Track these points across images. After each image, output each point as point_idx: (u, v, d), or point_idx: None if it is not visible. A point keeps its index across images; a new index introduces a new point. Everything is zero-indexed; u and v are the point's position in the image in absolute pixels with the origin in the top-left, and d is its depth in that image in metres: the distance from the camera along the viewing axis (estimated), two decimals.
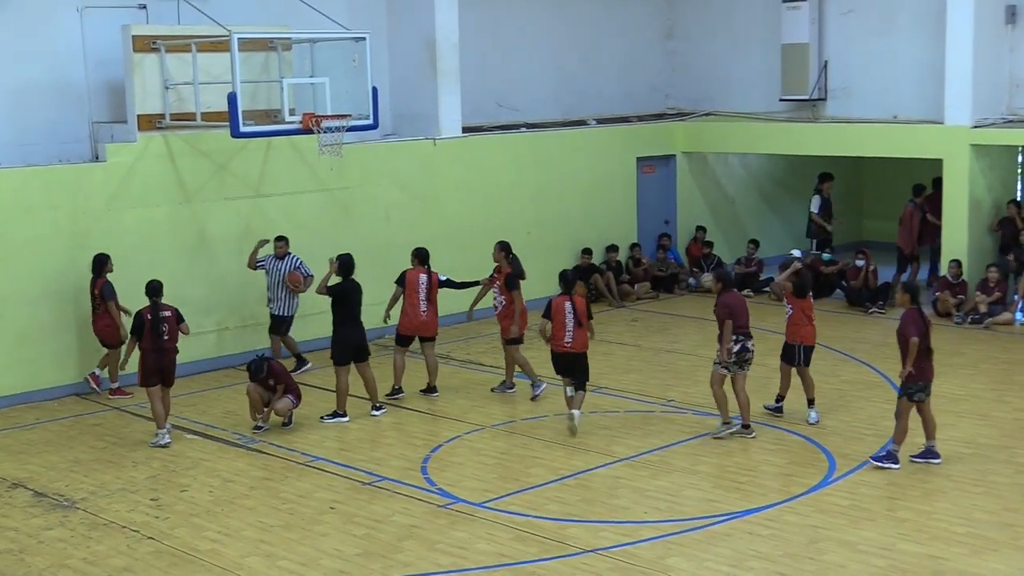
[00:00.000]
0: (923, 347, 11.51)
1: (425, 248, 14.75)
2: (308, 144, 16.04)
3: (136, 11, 16.00)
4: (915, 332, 11.43)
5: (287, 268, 15.62)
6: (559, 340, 13.07)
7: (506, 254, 14.75)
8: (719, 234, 22.00)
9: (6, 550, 10.24)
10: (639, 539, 10.07)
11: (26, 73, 15.43)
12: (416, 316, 14.49)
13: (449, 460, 12.33)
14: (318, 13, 15.58)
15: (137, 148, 15.46)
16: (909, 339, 11.44)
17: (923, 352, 11.52)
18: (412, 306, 14.48)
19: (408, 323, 14.56)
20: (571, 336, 13.03)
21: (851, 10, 20.37)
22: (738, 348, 12.72)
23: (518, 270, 14.83)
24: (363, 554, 9.94)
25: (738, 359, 12.74)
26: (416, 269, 14.51)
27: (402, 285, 14.50)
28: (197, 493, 11.51)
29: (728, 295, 12.90)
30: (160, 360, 12.91)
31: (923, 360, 11.55)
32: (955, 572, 9.31)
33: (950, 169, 18.65)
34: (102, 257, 14.60)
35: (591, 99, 21.70)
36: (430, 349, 14.69)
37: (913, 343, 11.42)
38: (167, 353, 13.00)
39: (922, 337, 11.48)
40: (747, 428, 12.77)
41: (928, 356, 11.61)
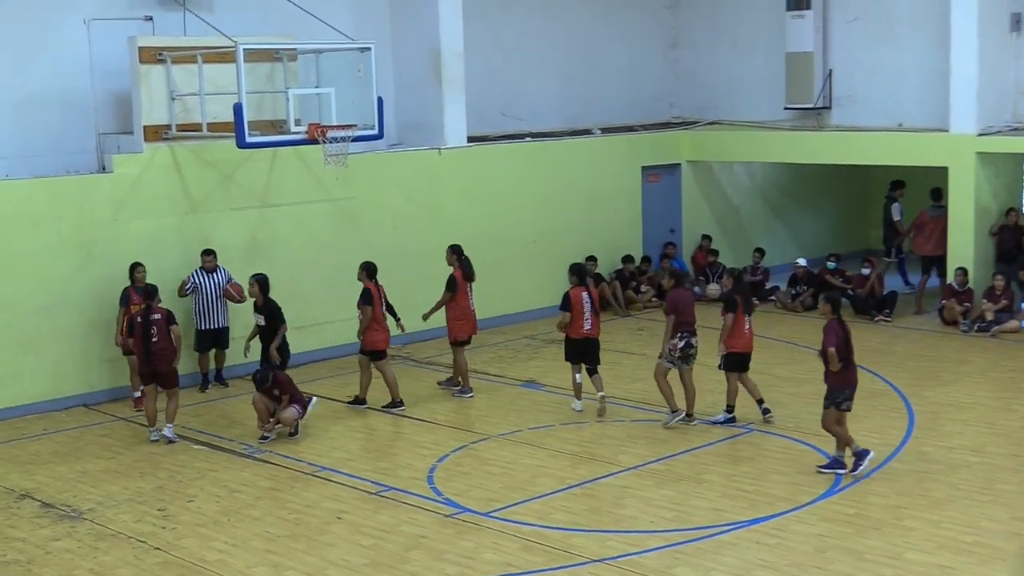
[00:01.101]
0: (845, 357, 11.57)
1: (373, 262, 14.74)
2: (314, 154, 16.04)
3: (143, 23, 16.06)
4: (834, 342, 11.49)
5: (221, 281, 15.49)
6: (578, 327, 14.02)
7: (458, 256, 15.22)
8: (724, 243, 22.00)
9: (14, 561, 10.26)
10: (645, 548, 10.07)
11: (33, 84, 15.49)
12: (384, 330, 14.58)
13: (456, 470, 12.33)
14: (323, 24, 15.62)
15: (144, 159, 15.51)
16: (828, 348, 11.52)
17: (846, 362, 11.58)
18: (380, 320, 14.53)
19: (383, 337, 14.59)
20: (589, 323, 14.04)
21: (855, 18, 20.40)
22: (682, 344, 13.31)
23: (468, 272, 15.17)
24: (370, 564, 9.94)
25: (682, 354, 13.35)
26: (371, 284, 14.50)
27: (371, 303, 14.40)
28: (204, 503, 11.52)
29: (677, 292, 13.54)
30: (150, 362, 13.13)
31: (847, 369, 11.63)
32: None
33: (955, 177, 18.64)
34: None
35: (596, 108, 21.73)
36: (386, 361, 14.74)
37: (831, 354, 11.48)
38: (156, 355, 13.16)
39: (842, 347, 11.52)
40: (689, 417, 13.40)
41: (851, 365, 11.66)
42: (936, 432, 13.09)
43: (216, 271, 15.53)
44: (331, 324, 16.89)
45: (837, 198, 24.32)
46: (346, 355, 17.10)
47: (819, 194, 23.96)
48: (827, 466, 11.76)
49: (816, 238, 23.62)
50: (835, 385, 11.65)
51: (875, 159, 20.47)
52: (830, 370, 11.59)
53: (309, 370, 16.42)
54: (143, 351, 13.29)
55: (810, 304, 19.83)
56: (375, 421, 14.19)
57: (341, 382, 15.93)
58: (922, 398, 14.40)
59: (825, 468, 11.73)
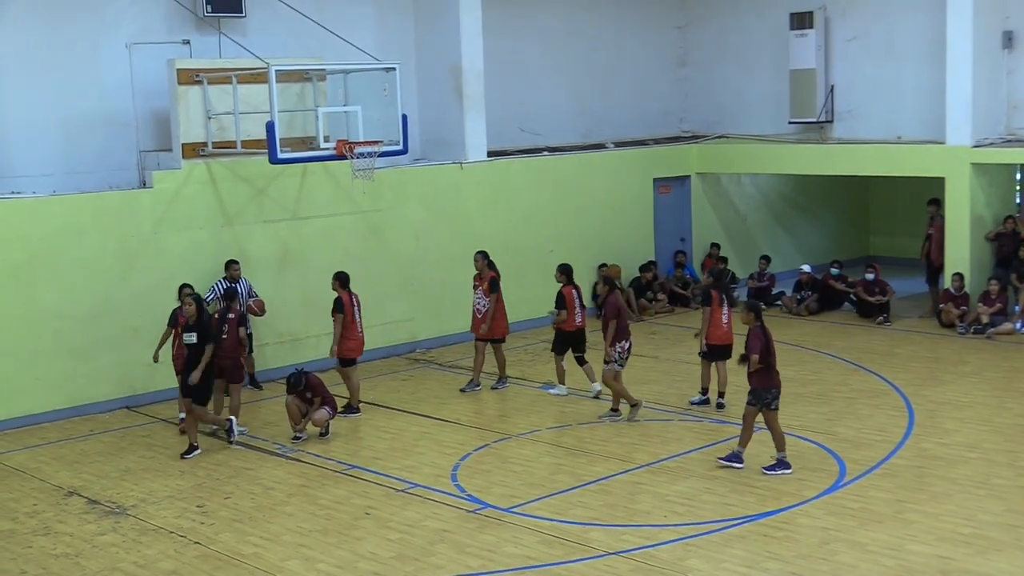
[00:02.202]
0: (767, 360, 11.59)
1: (346, 272, 14.67)
2: (342, 169, 16.10)
3: (180, 46, 16.15)
4: (757, 348, 11.53)
5: (244, 290, 15.36)
6: (572, 322, 14.71)
7: (487, 261, 15.41)
8: (732, 251, 21.96)
9: (63, 554, 10.32)
10: (659, 542, 10.05)
11: (79, 105, 15.60)
12: (357, 337, 14.49)
13: (478, 468, 12.34)
14: (351, 45, 15.67)
15: (181, 175, 15.58)
16: (750, 355, 11.56)
17: (768, 364, 11.61)
18: (354, 328, 14.42)
19: (355, 345, 14.48)
20: (580, 317, 14.77)
21: (855, 37, 20.36)
22: (628, 346, 13.67)
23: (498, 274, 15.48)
24: (397, 557, 9.96)
25: (628, 354, 13.70)
26: (344, 293, 14.41)
27: (343, 311, 14.31)
28: (240, 500, 11.56)
29: (614, 297, 13.81)
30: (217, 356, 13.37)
31: (770, 371, 11.66)
32: (961, 572, 9.25)
33: (952, 187, 18.58)
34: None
35: (609, 124, 21.73)
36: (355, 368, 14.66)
37: (754, 360, 11.52)
38: (224, 350, 13.45)
39: (764, 351, 11.55)
40: (615, 412, 13.81)
41: (773, 367, 11.69)
42: (935, 429, 13.03)
43: (240, 280, 15.56)
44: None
45: (839, 207, 24.26)
46: (374, 359, 17.16)
47: (822, 204, 23.90)
48: (769, 467, 11.73)
49: (819, 245, 23.56)
50: (760, 386, 11.65)
51: (875, 170, 20.42)
52: (750, 372, 11.65)
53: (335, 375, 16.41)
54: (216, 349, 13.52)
55: (814, 308, 19.80)
56: (401, 422, 14.21)
57: (368, 385, 15.94)
58: (922, 397, 14.34)
59: (767, 470, 11.70)
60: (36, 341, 14.48)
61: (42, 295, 14.49)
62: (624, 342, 13.65)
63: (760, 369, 11.59)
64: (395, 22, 18.73)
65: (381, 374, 16.62)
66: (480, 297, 15.41)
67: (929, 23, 19.15)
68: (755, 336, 11.64)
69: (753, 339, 11.63)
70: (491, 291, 15.27)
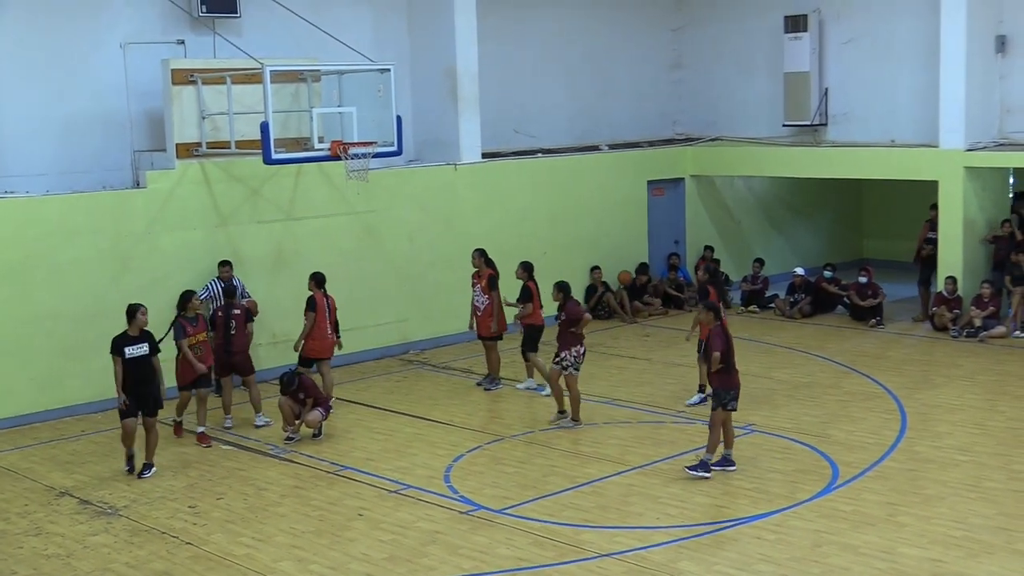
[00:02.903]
0: (728, 360, 11.61)
1: (322, 273, 14.71)
2: (336, 170, 16.10)
3: (175, 46, 16.14)
4: (719, 347, 11.55)
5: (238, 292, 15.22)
6: (539, 316, 15.08)
7: (484, 259, 15.47)
8: (726, 253, 21.97)
9: (54, 555, 10.29)
10: (651, 544, 10.04)
11: (73, 105, 15.57)
12: (325, 338, 14.50)
13: (471, 469, 12.32)
14: (346, 47, 15.66)
15: (175, 175, 15.55)
16: (712, 353, 11.59)
17: (728, 365, 11.64)
18: (322, 329, 14.43)
19: (319, 345, 14.47)
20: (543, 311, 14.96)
21: (850, 40, 20.39)
22: (584, 351, 13.60)
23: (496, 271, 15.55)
24: (389, 558, 9.94)
25: (583, 359, 13.64)
26: (319, 293, 14.47)
27: (315, 310, 14.34)
28: (232, 501, 11.53)
29: (573, 302, 13.76)
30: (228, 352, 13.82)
31: (730, 372, 11.68)
32: (953, 574, 9.25)
33: (945, 190, 18.61)
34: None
35: (604, 126, 21.74)
36: (328, 368, 14.69)
37: (715, 356, 11.55)
38: (235, 345, 13.77)
39: (726, 351, 11.57)
40: (563, 413, 13.76)
41: (733, 368, 11.72)
42: (927, 432, 13.04)
43: (232, 280, 15.52)
44: (352, 331, 16.88)
45: (833, 210, 24.28)
46: (367, 360, 17.16)
47: (816, 207, 23.93)
48: (718, 463, 11.77)
49: (813, 248, 23.59)
50: (721, 386, 11.68)
51: (868, 173, 20.45)
52: (712, 371, 11.68)
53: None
54: (223, 343, 13.86)
55: (808, 311, 19.82)
56: (394, 423, 14.20)
57: (362, 386, 15.96)
58: (914, 400, 14.35)
59: (716, 466, 11.74)
60: (29, 341, 14.44)
61: (36, 295, 14.46)
62: (579, 346, 13.56)
63: (720, 369, 11.61)
64: (390, 23, 18.72)
65: (375, 375, 16.60)
66: (479, 295, 15.42)
67: (923, 27, 19.18)
68: (716, 335, 11.66)
69: (715, 338, 11.64)
70: (490, 288, 15.27)
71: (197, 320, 13.43)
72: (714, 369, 11.66)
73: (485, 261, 15.56)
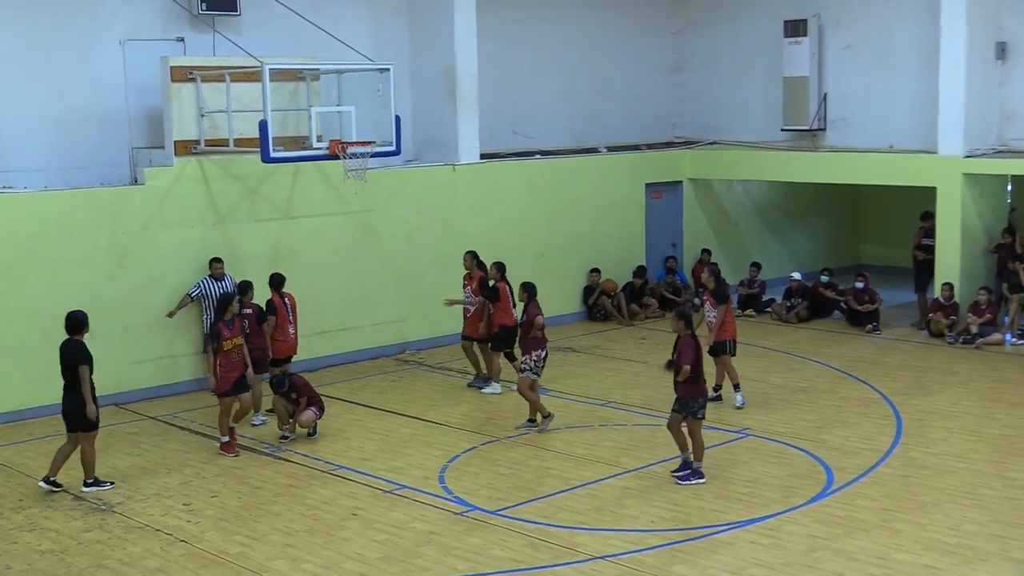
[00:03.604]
0: (697, 370, 11.62)
1: (281, 274, 14.68)
2: (334, 169, 16.11)
3: (174, 43, 16.15)
4: (690, 358, 11.51)
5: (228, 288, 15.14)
6: (510, 317, 15.06)
7: (476, 261, 15.47)
8: (723, 257, 21.98)
9: (48, 550, 10.29)
10: (646, 547, 10.05)
11: (72, 101, 15.58)
12: (288, 339, 14.50)
13: (466, 470, 12.33)
14: (345, 46, 15.66)
15: (174, 172, 15.55)
16: (682, 366, 11.52)
17: (697, 374, 11.64)
18: (284, 330, 14.43)
19: (284, 346, 14.46)
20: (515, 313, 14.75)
21: (849, 45, 20.41)
22: (544, 355, 13.53)
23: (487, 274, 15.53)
24: (383, 558, 9.94)
25: (544, 363, 13.57)
26: (276, 296, 14.44)
27: (274, 314, 14.31)
28: (227, 499, 11.53)
29: (533, 305, 13.59)
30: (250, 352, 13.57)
31: (698, 381, 11.69)
32: None
33: (943, 196, 18.62)
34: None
35: (602, 128, 21.75)
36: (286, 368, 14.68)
37: (685, 370, 11.50)
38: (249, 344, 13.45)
39: (695, 362, 11.57)
40: (532, 422, 13.58)
41: (700, 377, 11.73)
42: (923, 439, 13.06)
43: (224, 278, 15.52)
44: (348, 331, 16.92)
45: (830, 215, 24.31)
46: (362, 360, 17.17)
47: (813, 211, 23.95)
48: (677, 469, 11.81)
49: (810, 253, 23.60)
50: (689, 395, 11.65)
51: (867, 179, 20.47)
52: (679, 381, 11.63)
53: (327, 374, 16.44)
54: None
55: (804, 316, 19.84)
56: (390, 423, 14.20)
57: (358, 386, 15.96)
58: (910, 406, 14.37)
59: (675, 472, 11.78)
60: (24, 337, 14.42)
61: (32, 291, 14.45)
62: (540, 351, 13.49)
63: (689, 378, 11.59)
64: (390, 23, 18.73)
65: (370, 375, 16.61)
66: (470, 296, 15.46)
67: (923, 33, 19.20)
68: (687, 345, 11.62)
69: (685, 348, 11.60)
70: (481, 291, 15.29)
71: (234, 323, 13.09)
72: (681, 379, 11.62)
73: (477, 263, 15.53)
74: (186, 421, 14.44)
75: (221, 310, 13.11)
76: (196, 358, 15.62)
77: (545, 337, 13.64)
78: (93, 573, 9.79)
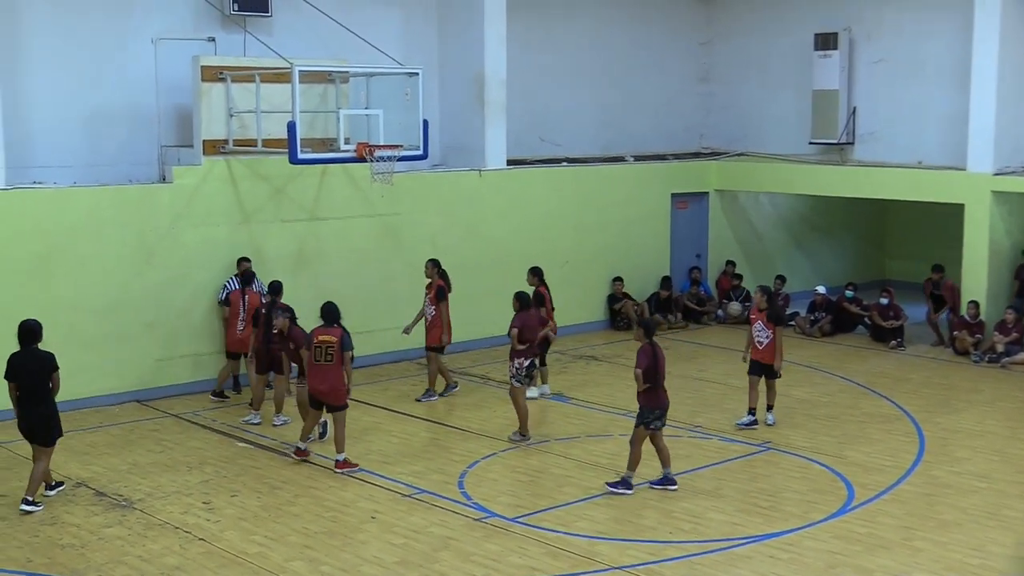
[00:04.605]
0: (654, 379, 11.62)
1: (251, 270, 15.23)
2: (361, 172, 16.14)
3: (206, 43, 16.22)
4: (643, 364, 11.56)
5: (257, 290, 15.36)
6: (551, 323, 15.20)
7: (438, 270, 15.29)
8: (748, 269, 21.90)
9: (69, 544, 10.33)
10: (664, 558, 10.02)
11: (103, 99, 15.68)
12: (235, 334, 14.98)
13: (485, 476, 12.32)
14: (375, 49, 15.71)
15: (201, 171, 15.62)
16: (634, 370, 11.65)
17: (655, 383, 11.63)
18: (233, 325, 15.00)
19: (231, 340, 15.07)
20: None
21: (881, 59, 20.32)
22: (528, 364, 13.41)
23: (448, 284, 15.39)
24: (401, 562, 9.94)
25: (527, 372, 13.45)
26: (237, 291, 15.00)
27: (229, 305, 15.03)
28: (246, 498, 11.56)
29: (523, 314, 13.53)
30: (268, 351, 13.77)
31: (656, 390, 11.67)
32: None
33: (971, 213, 18.51)
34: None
35: (630, 137, 21.73)
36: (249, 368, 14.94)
37: (636, 374, 11.59)
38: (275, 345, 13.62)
39: (650, 370, 11.57)
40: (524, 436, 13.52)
41: (660, 387, 11.70)
42: (946, 457, 12.96)
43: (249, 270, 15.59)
44: (372, 333, 16.93)
45: (856, 230, 24.20)
46: (385, 363, 17.18)
47: (839, 226, 23.84)
48: (658, 482, 11.79)
49: (835, 267, 23.48)
50: (646, 404, 11.67)
51: (894, 194, 20.35)
52: (639, 390, 11.67)
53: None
54: (263, 339, 13.80)
55: (828, 330, 19.76)
56: (410, 427, 14.21)
57: (380, 387, 15.98)
58: (933, 424, 14.27)
59: (656, 484, 11.77)
60: (50, 332, 14.28)
61: (58, 286, 14.53)
62: (523, 359, 13.40)
63: (647, 388, 11.59)
64: (420, 28, 18.77)
65: (392, 378, 16.63)
66: (428, 305, 15.27)
67: (955, 49, 19.11)
68: (643, 354, 11.66)
69: (639, 355, 11.66)
70: (438, 300, 15.11)
71: None
72: (639, 388, 11.64)
73: (438, 272, 15.34)
74: (208, 419, 14.48)
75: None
76: (219, 357, 15.65)
77: (519, 348, 13.37)
78: (112, 569, 9.82)
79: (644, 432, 11.73)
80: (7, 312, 13.42)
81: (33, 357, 11.13)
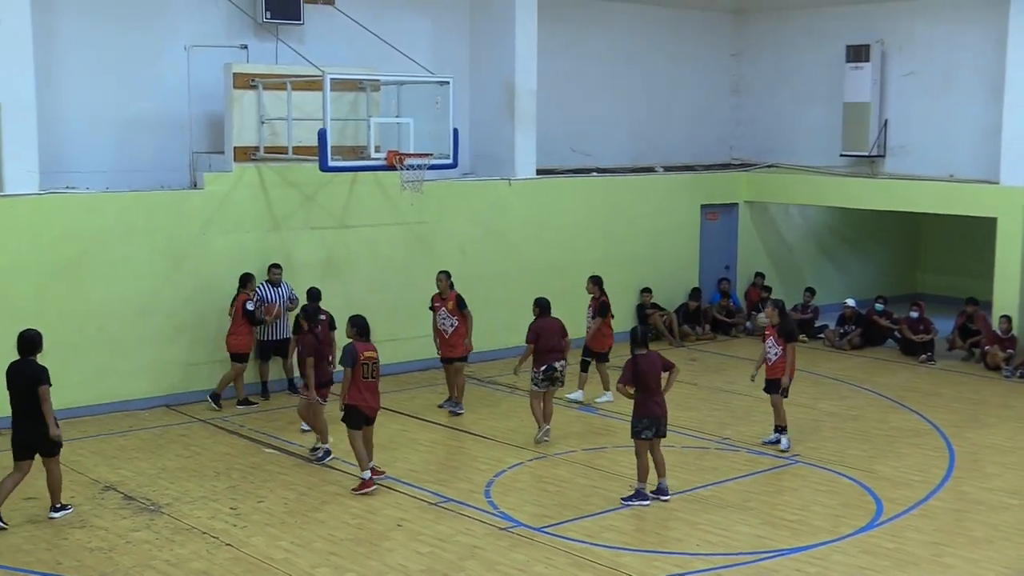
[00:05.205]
0: (645, 388, 11.60)
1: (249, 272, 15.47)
2: (391, 180, 16.17)
3: (238, 50, 16.31)
4: (624, 379, 11.63)
5: (285, 294, 15.66)
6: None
7: (449, 282, 15.21)
8: (777, 281, 21.81)
9: (97, 548, 10.39)
10: (691, 570, 9.97)
11: (136, 105, 15.79)
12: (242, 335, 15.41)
13: (511, 485, 12.31)
14: (405, 58, 15.76)
15: (232, 177, 15.71)
16: (617, 384, 11.80)
17: (647, 393, 11.59)
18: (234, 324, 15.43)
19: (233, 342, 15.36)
20: None
21: (912, 72, 20.21)
22: (544, 368, 13.53)
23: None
24: (427, 571, 9.94)
25: (545, 376, 13.56)
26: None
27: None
28: (273, 504, 11.59)
29: (540, 321, 13.70)
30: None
31: (647, 400, 11.62)
32: None
33: (1003, 227, 18.35)
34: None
35: (660, 148, 21.70)
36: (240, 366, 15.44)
37: (619, 388, 11.73)
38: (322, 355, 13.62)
39: (629, 381, 11.60)
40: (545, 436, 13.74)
41: (651, 397, 11.63)
42: (976, 473, 12.84)
43: (281, 285, 15.66)
44: (399, 341, 16.96)
45: (887, 243, 24.05)
46: (413, 371, 17.20)
47: (870, 238, 23.70)
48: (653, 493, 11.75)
49: (865, 280, 23.34)
50: (634, 414, 11.69)
51: (926, 207, 20.23)
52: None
53: None
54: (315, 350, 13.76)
55: (857, 343, 19.64)
56: (437, 435, 14.22)
57: (408, 395, 16.00)
58: (963, 439, 14.15)
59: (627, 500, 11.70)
60: (80, 336, 14.61)
61: (89, 290, 14.64)
62: (543, 364, 13.56)
63: (637, 398, 11.62)
64: (451, 37, 18.82)
65: (419, 386, 16.64)
66: (445, 317, 15.09)
67: (988, 61, 18.98)
68: (626, 367, 11.74)
69: (624, 369, 11.75)
70: (459, 309, 15.03)
71: None
72: (627, 397, 11.72)
73: (450, 284, 15.23)
74: (236, 425, 14.55)
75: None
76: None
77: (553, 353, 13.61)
78: (140, 573, 9.87)
79: (640, 442, 11.68)
80: (39, 315, 13.55)
81: (25, 368, 10.78)
